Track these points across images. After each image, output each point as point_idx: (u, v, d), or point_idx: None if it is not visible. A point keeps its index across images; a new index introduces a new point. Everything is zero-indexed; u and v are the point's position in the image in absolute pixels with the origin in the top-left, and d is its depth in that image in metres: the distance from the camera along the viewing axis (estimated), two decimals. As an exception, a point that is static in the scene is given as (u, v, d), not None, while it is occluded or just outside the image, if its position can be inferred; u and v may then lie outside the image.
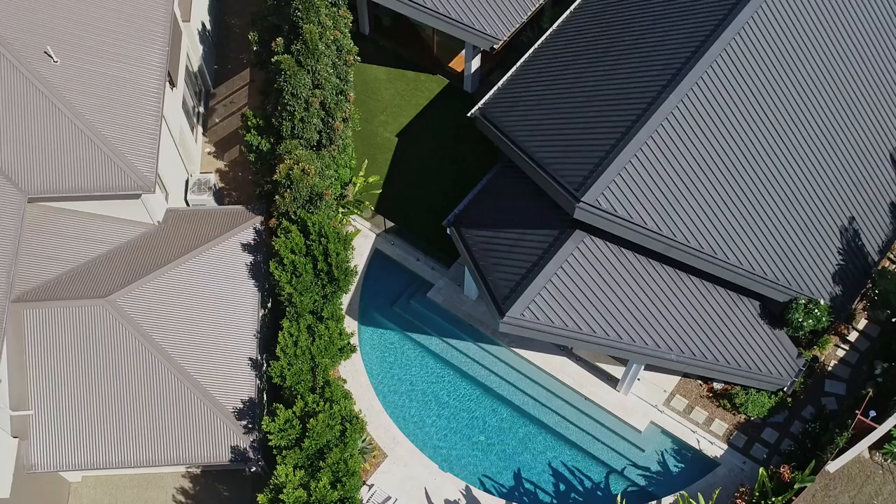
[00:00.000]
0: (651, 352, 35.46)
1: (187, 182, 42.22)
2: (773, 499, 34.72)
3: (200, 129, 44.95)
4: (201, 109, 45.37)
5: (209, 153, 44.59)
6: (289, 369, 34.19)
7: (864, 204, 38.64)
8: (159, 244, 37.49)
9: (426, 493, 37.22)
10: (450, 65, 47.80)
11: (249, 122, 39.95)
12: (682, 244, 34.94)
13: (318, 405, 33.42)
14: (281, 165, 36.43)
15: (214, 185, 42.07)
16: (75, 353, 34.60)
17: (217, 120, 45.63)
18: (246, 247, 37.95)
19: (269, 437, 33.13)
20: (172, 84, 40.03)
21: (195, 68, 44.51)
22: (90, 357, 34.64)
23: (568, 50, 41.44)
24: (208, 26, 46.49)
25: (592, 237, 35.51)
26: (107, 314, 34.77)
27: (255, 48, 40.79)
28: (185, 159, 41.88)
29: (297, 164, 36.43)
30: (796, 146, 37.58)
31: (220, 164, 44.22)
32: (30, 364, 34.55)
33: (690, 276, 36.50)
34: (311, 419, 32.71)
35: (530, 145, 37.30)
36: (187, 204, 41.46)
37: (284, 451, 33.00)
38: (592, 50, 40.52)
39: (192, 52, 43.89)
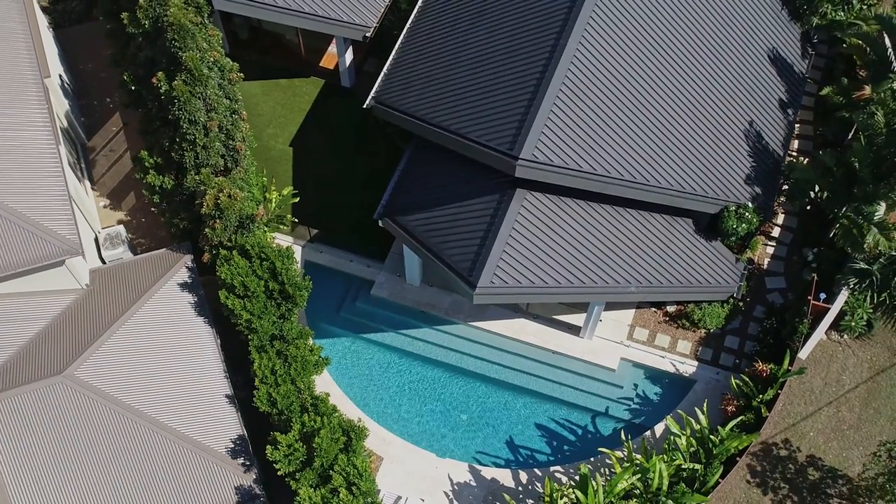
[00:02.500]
0: (612, 289, 36.12)
1: (96, 239, 40.14)
2: (760, 396, 35.98)
3: (88, 184, 42.79)
4: (83, 165, 43.18)
5: (104, 207, 42.55)
6: (277, 395, 33.12)
7: (758, 107, 40.35)
8: (96, 307, 35.62)
9: (432, 483, 36.88)
10: (321, 64, 47.10)
11: (146, 164, 38.30)
12: (617, 179, 35.69)
13: (315, 423, 32.55)
14: (206, 196, 35.13)
15: (125, 236, 40.15)
16: (47, 438, 32.54)
17: (102, 171, 43.51)
18: (185, 286, 36.52)
19: (276, 466, 32.05)
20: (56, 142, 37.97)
21: (66, 124, 42.30)
22: (64, 437, 32.65)
23: (443, 19, 41.44)
24: (66, 78, 44.25)
25: (532, 192, 35.79)
26: (68, 389, 32.83)
27: (131, 88, 39.11)
28: (86, 217, 39.83)
29: (222, 192, 35.23)
30: (692, 66, 38.94)
31: (120, 215, 42.29)
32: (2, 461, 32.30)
33: (628, 210, 37.30)
34: (316, 437, 31.84)
35: (444, 119, 37.24)
36: (103, 262, 39.44)
37: (298, 475, 31.99)
38: (467, 13, 40.67)
39: (59, 108, 41.64)
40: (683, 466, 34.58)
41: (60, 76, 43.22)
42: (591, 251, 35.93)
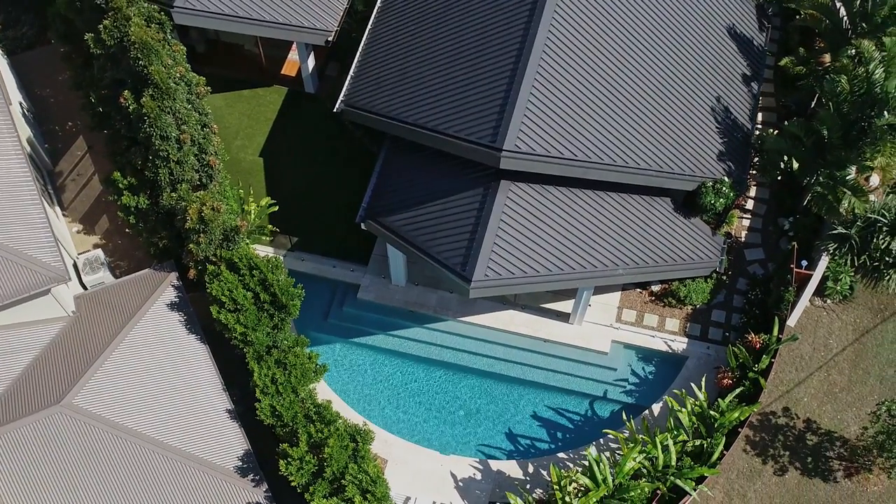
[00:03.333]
0: (602, 273, 36.38)
1: (75, 265, 39.44)
2: (755, 367, 36.47)
3: (59, 210, 42.03)
4: (51, 191, 42.39)
5: (77, 232, 41.80)
6: (281, 405, 32.85)
7: (723, 83, 40.79)
8: (85, 333, 35.04)
9: (439, 480, 36.89)
10: (282, 72, 46.74)
11: (120, 185, 37.72)
12: (597, 163, 35.96)
13: (322, 432, 32.35)
14: (189, 211, 34.70)
15: (104, 260, 39.49)
16: (51, 469, 31.93)
17: (72, 197, 42.76)
18: (173, 305, 36.08)
19: (290, 479, 31.79)
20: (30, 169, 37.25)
21: (30, 150, 41.47)
22: (69, 467, 32.06)
23: (407, 17, 41.33)
24: (26, 105, 43.42)
25: (515, 183, 35.88)
26: (68, 418, 32.26)
27: (98, 109, 38.47)
28: (62, 243, 39.10)
29: (205, 205, 34.84)
30: (656, 47, 39.29)
31: (95, 240, 41.59)
32: (5, 497, 31.57)
33: (608, 193, 37.55)
34: (325, 447, 31.64)
35: (420, 117, 37.16)
36: (84, 287, 38.77)
37: (311, 487, 31.76)
38: (433, 10, 40.62)
39: (21, 135, 40.80)
40: (688, 442, 34.96)
41: (20, 103, 42.43)
42: (577, 237, 36.13)
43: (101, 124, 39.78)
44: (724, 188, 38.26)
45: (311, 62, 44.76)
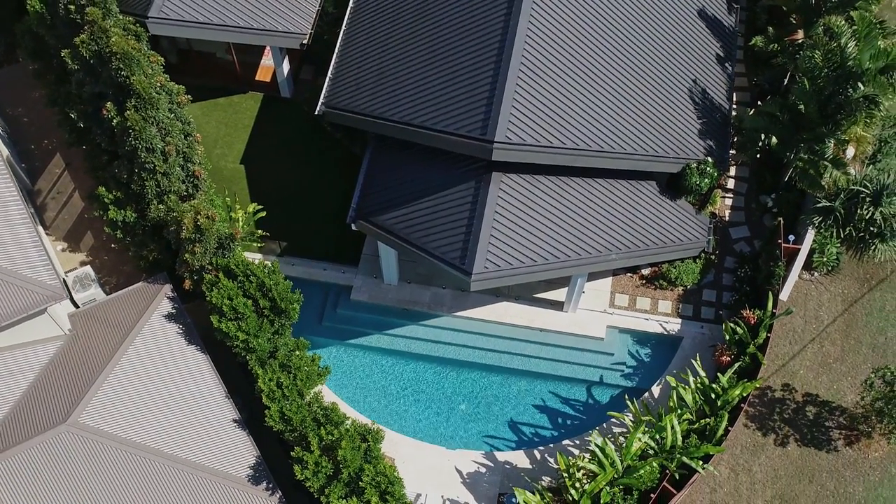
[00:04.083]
0: (596, 259, 36.64)
1: (65, 283, 38.94)
2: (753, 342, 36.91)
3: (41, 229, 41.46)
4: (32, 210, 41.80)
5: (62, 250, 41.30)
6: (290, 410, 32.70)
7: (698, 65, 41.22)
8: (84, 350, 34.66)
9: (447, 475, 36.96)
10: (257, 78, 46.52)
11: (105, 199, 37.33)
12: (585, 150, 36.21)
13: (334, 434, 32.27)
14: (185, 220, 34.43)
15: (94, 277, 39.04)
16: (62, 489, 31.47)
17: (53, 215, 42.23)
18: (170, 317, 35.79)
19: (307, 483, 31.66)
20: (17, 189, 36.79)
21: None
22: (80, 486, 31.63)
23: (383, 15, 41.30)
24: (0, 124, 42.85)
25: (506, 174, 36.01)
26: (75, 437, 31.86)
27: (78, 125, 38.04)
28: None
29: (199, 214, 34.61)
30: (633, 32, 39.62)
31: (81, 257, 41.12)
32: (17, 520, 31.25)
33: (595, 180, 37.78)
34: (339, 449, 31.55)
35: (406, 114, 37.15)
36: (76, 305, 38.31)
37: (327, 490, 31.64)
38: (409, 6, 40.62)
39: (1, 155, 40.33)
40: (693, 421, 35.32)
41: (-6, 123, 41.98)
42: (570, 224, 36.33)
43: (79, 140, 39.41)
44: (707, 168, 38.66)
45: (286, 66, 44.59)
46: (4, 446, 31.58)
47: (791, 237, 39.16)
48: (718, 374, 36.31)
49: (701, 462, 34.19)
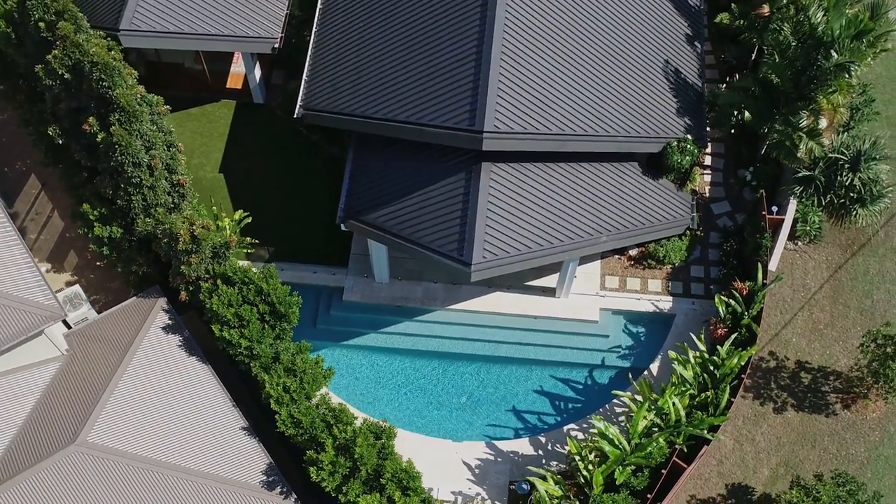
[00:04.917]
0: (588, 242, 36.90)
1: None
2: (747, 313, 37.44)
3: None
4: (14, 233, 41.18)
5: (47, 271, 40.66)
6: (300, 413, 32.56)
7: (670, 45, 41.71)
8: (83, 369, 34.21)
9: (456, 468, 37.02)
10: (228, 85, 46.18)
11: (90, 217, 36.84)
12: (571, 135, 36.48)
13: (345, 433, 32.19)
14: (180, 232, 34.09)
15: (83, 296, 38.49)
16: (77, 510, 31.12)
17: (34, 237, 41.56)
18: (168, 329, 35.46)
19: (322, 483, 31.53)
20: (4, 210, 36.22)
21: (-16, 195, 40.39)
22: (94, 504, 31.30)
23: (355, 14, 41.22)
24: (-29, 149, 42.23)
25: (495, 164, 36.13)
26: (85, 456, 31.43)
27: (58, 142, 37.43)
28: (38, 284, 38.08)
29: (194, 224, 34.32)
30: (605, 16, 39.95)
31: (66, 277, 40.57)
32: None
33: (581, 164, 38.06)
34: (355, 447, 31.49)
35: (389, 110, 37.12)
36: (68, 326, 37.74)
37: (345, 488, 31.55)
38: (381, 1, 40.59)
39: (-24, 179, 39.79)
40: (696, 397, 35.74)
41: (-34, 148, 41.24)
42: (560, 209, 36.54)
43: (55, 159, 38.86)
44: (688, 146, 39.13)
45: (257, 72, 44.35)
46: (15, 471, 31.07)
47: (774, 208, 39.74)
48: (717, 346, 36.76)
49: (708, 432, 34.60)
